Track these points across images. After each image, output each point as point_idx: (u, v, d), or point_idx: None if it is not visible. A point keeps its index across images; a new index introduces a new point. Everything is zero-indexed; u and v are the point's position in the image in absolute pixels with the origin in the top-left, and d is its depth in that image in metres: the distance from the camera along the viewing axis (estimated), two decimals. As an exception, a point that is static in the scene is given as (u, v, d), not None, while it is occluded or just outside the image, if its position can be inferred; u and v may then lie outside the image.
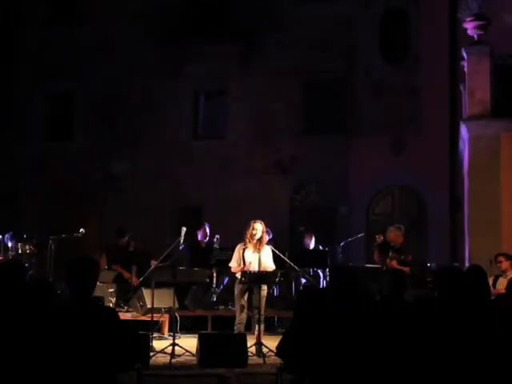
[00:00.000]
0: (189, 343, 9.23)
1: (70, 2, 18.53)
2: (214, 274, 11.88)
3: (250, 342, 8.87)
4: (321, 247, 13.03)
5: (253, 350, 8.91)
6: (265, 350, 8.83)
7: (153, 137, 17.50)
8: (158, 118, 17.59)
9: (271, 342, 8.51)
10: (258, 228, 9.52)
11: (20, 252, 12.00)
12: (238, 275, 9.56)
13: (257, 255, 9.48)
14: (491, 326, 4.70)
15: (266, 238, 9.85)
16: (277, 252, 9.85)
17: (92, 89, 17.95)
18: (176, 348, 8.81)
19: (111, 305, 10.63)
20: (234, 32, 17.13)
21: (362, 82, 16.67)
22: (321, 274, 12.64)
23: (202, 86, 18.01)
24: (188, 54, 17.50)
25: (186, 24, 17.45)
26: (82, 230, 12.09)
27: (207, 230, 12.39)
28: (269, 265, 9.58)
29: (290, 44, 16.89)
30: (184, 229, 10.21)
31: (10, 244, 12.19)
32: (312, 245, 13.09)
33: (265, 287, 9.48)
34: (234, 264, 9.66)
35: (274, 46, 17.02)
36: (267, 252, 9.64)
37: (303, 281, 12.29)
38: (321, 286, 11.94)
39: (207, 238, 12.35)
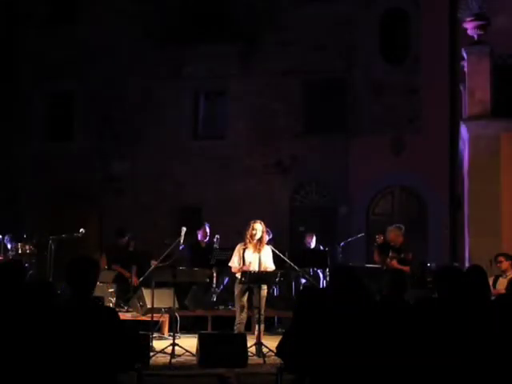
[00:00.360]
0: (189, 343, 9.24)
1: (69, 2, 18.51)
2: (214, 274, 11.88)
3: (250, 342, 8.88)
4: (321, 247, 13.04)
5: (253, 350, 8.91)
6: (265, 350, 8.84)
7: (153, 137, 17.48)
8: (158, 117, 17.58)
9: (271, 342, 8.51)
10: (258, 228, 9.53)
11: (20, 252, 12.00)
12: (238, 275, 9.56)
13: (257, 255, 9.49)
14: (491, 326, 4.70)
15: (266, 238, 9.86)
16: (277, 252, 9.85)
17: (92, 89, 17.93)
18: (176, 348, 8.81)
19: (111, 305, 10.63)
20: (234, 32, 17.12)
21: (362, 81, 16.66)
22: (321, 274, 12.64)
23: (201, 86, 18.00)
24: (188, 54, 17.48)
25: (186, 24, 17.43)
26: (81, 230, 12.09)
27: (207, 230, 12.38)
28: (269, 265, 9.59)
29: (290, 44, 16.87)
30: (184, 229, 10.22)
31: (9, 246, 12.21)
32: (313, 244, 13.12)
33: (265, 287, 9.48)
34: (234, 264, 9.66)
35: (274, 46, 17.00)
36: (267, 252, 9.64)
37: (303, 281, 12.29)
38: (321, 286, 11.94)
39: (207, 238, 12.34)
